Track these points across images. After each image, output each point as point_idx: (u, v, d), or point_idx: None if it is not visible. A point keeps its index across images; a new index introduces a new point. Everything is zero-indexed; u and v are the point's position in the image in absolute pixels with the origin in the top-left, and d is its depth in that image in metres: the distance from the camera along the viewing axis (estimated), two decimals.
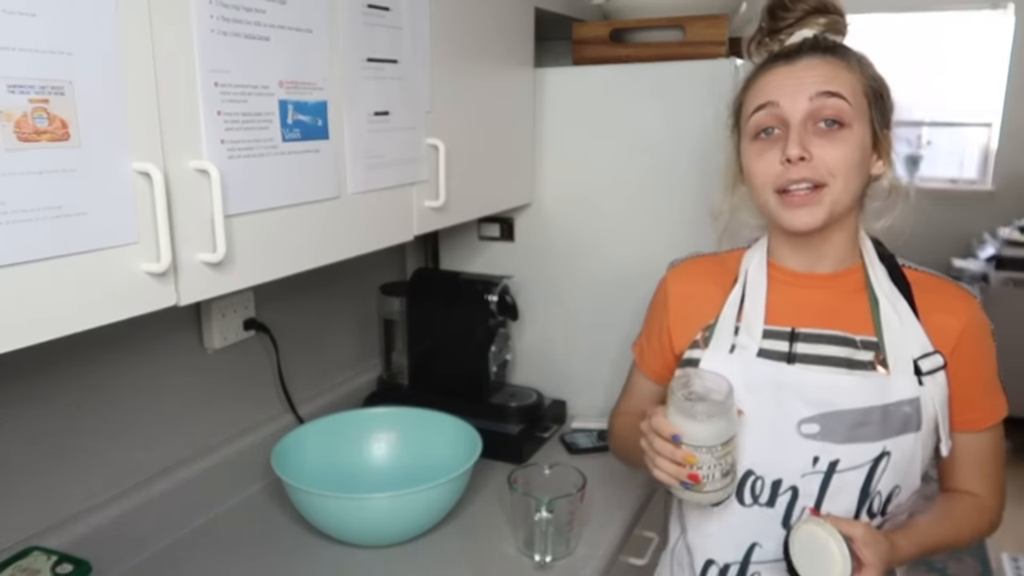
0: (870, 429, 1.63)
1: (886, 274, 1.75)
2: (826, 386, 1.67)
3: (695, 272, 1.96)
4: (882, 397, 1.63)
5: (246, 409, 2.45)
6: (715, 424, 1.56)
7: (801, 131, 1.59)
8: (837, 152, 1.59)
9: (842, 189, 1.61)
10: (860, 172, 1.64)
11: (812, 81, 1.61)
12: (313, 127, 1.70)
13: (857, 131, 1.61)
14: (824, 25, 1.70)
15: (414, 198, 2.10)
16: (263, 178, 1.59)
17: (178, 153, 1.39)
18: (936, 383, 1.66)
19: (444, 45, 2.15)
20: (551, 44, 3.11)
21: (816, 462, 1.66)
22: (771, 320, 1.78)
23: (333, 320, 2.81)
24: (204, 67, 1.43)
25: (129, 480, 2.09)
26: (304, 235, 1.73)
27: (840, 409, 1.65)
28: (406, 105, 2.01)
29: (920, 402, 1.63)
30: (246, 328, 2.37)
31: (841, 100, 1.59)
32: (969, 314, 1.70)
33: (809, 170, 1.59)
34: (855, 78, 1.63)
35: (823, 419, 1.65)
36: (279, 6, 1.58)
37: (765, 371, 1.72)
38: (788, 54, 1.67)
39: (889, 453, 1.63)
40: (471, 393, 2.73)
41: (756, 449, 1.70)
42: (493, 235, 2.97)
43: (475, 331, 2.71)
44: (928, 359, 1.66)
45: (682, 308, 1.92)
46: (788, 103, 1.61)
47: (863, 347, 1.68)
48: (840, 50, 1.66)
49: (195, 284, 1.46)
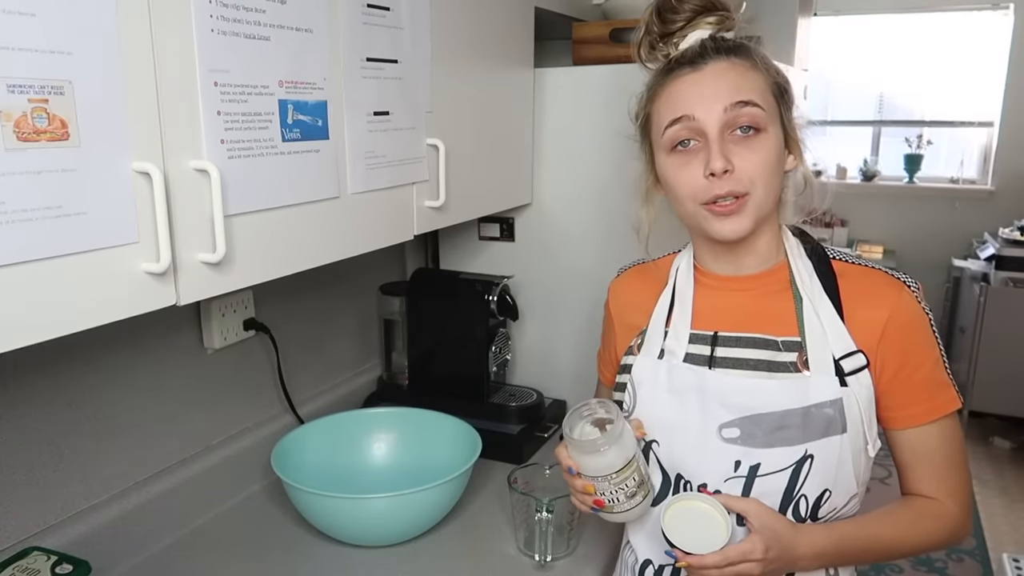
0: (790, 432, 1.60)
1: (811, 269, 1.71)
2: (745, 389, 1.65)
3: (631, 281, 1.98)
4: (802, 399, 1.60)
5: (246, 409, 2.45)
6: (605, 456, 1.59)
7: (720, 143, 1.57)
8: (757, 159, 1.58)
9: (764, 194, 1.60)
10: (778, 173, 1.64)
11: (724, 90, 1.58)
12: (313, 127, 1.70)
13: (772, 133, 1.60)
14: (714, 24, 1.66)
15: (414, 198, 2.10)
16: (263, 178, 1.59)
17: (178, 153, 1.39)
18: (860, 384, 1.61)
19: (444, 45, 2.16)
20: (551, 44, 3.12)
21: (738, 466, 1.64)
22: (697, 324, 1.77)
23: (333, 320, 2.81)
24: (204, 67, 1.43)
25: (129, 480, 2.09)
26: (304, 235, 1.73)
27: (759, 412, 1.62)
28: (406, 105, 2.02)
29: (843, 404, 1.59)
30: (246, 328, 2.37)
31: (755, 108, 1.57)
32: (895, 303, 1.63)
33: (733, 182, 1.57)
34: (762, 78, 1.62)
35: (743, 423, 1.64)
36: (279, 6, 1.58)
37: (688, 376, 1.71)
38: (692, 59, 1.63)
39: (812, 456, 1.60)
40: (471, 393, 2.74)
41: (683, 454, 1.70)
42: (493, 235, 2.97)
43: (475, 331, 2.71)
44: (850, 359, 1.62)
45: (622, 317, 1.94)
46: (703, 115, 1.58)
47: (785, 348, 1.66)
48: (742, 50, 1.63)
49: (195, 284, 1.47)
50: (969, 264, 6.94)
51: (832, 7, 7.90)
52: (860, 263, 1.73)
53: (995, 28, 7.59)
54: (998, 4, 7.51)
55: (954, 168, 8.01)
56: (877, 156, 8.27)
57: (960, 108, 7.92)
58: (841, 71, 8.13)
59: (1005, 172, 7.61)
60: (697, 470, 1.68)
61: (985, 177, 7.84)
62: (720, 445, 1.65)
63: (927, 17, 7.78)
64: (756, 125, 1.57)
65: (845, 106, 8.30)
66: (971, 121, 7.87)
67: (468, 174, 2.35)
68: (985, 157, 7.86)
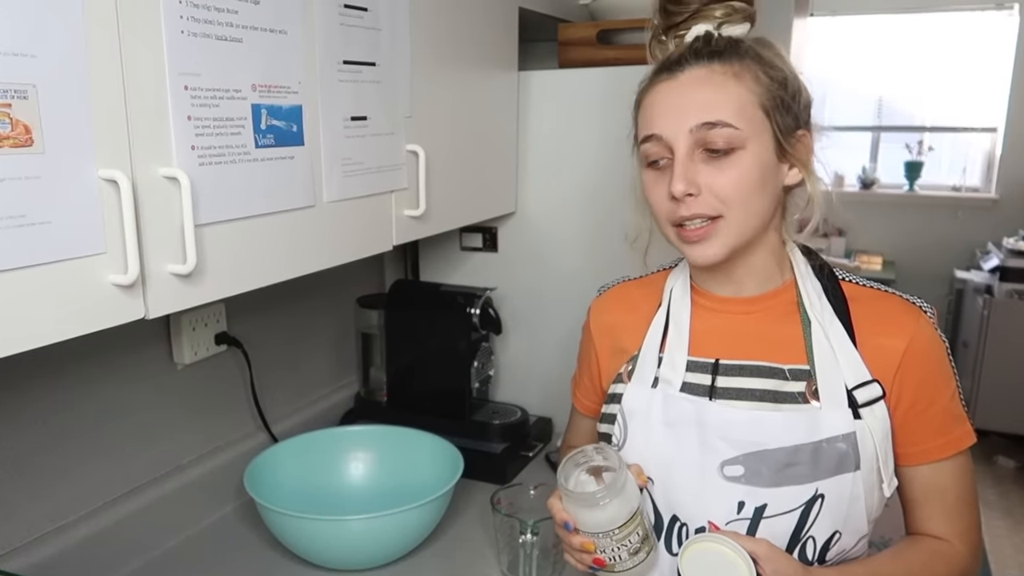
0: (800, 469, 1.53)
1: (820, 291, 1.66)
2: (749, 423, 1.58)
3: (618, 300, 1.92)
4: (813, 433, 1.53)
5: (218, 427, 2.45)
6: (607, 509, 1.53)
7: (686, 163, 1.52)
8: (728, 179, 1.52)
9: (741, 217, 1.54)
10: (763, 192, 1.55)
11: (693, 108, 1.52)
12: (287, 132, 1.71)
13: (753, 150, 1.52)
14: (722, 17, 1.59)
15: (393, 207, 2.11)
16: (235, 186, 1.59)
17: (146, 160, 1.39)
18: (875, 416, 1.55)
19: (424, 47, 2.16)
20: (535, 46, 3.12)
21: (741, 508, 1.57)
22: (695, 351, 1.70)
23: (308, 334, 2.81)
24: (174, 70, 1.43)
25: (97, 500, 2.08)
26: (278, 245, 1.73)
27: (765, 448, 1.55)
28: (385, 110, 2.02)
29: (856, 438, 1.52)
30: (217, 342, 2.37)
31: (726, 128, 1.50)
32: (914, 332, 1.58)
33: (699, 204, 1.53)
34: (745, 90, 1.53)
35: (747, 460, 1.57)
36: (252, 6, 1.58)
37: (686, 408, 1.64)
38: (670, 65, 1.58)
39: (823, 496, 1.53)
40: (452, 410, 2.73)
41: (680, 494, 1.63)
42: (475, 245, 2.98)
43: (457, 345, 2.71)
44: (864, 389, 1.56)
45: (607, 340, 1.88)
46: (670, 135, 1.54)
47: (793, 377, 1.59)
48: (729, 53, 1.55)
49: (164, 296, 1.47)
50: (972, 276, 6.91)
51: (829, 7, 7.88)
52: (872, 286, 1.68)
53: (1000, 29, 7.57)
54: (1002, 4, 7.49)
55: (956, 176, 7.99)
56: (876, 163, 8.26)
57: (963, 113, 7.90)
58: (838, 74, 8.10)
59: (1010, 180, 7.60)
60: (695, 512, 1.61)
61: (989, 185, 7.83)
62: (722, 484, 1.58)
63: (928, 17, 7.78)
64: (729, 145, 1.51)
65: (843, 111, 8.28)
66: (974, 126, 7.86)
67: (449, 182, 2.36)
68: (989, 164, 7.85)
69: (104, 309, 1.35)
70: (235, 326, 2.45)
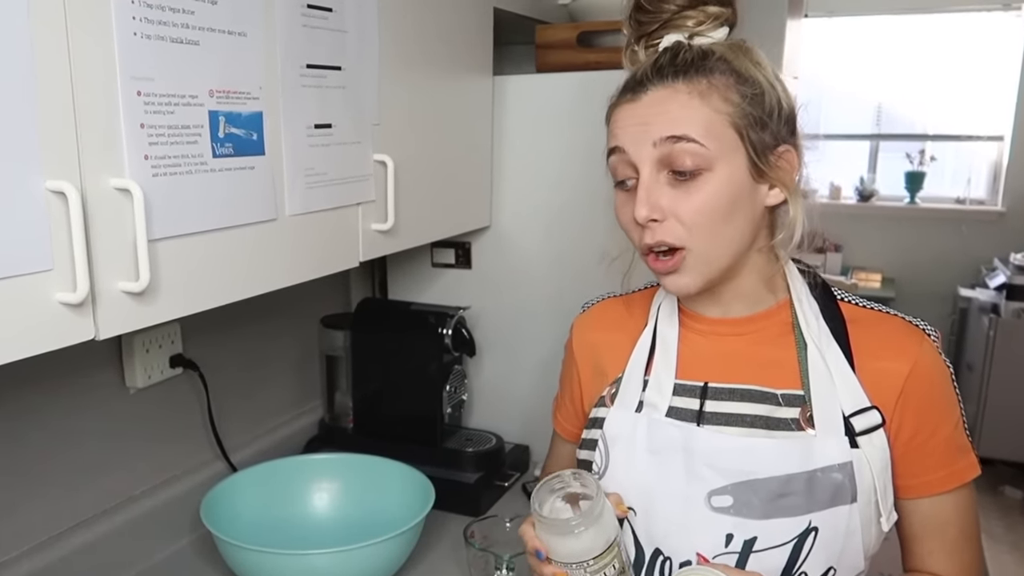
0: (793, 501, 1.52)
1: (817, 312, 1.64)
2: (739, 450, 1.56)
3: (601, 318, 1.91)
4: (807, 462, 1.51)
5: (172, 455, 2.44)
6: (583, 538, 1.51)
7: (651, 184, 1.51)
8: (693, 205, 1.50)
9: (707, 246, 1.53)
10: (731, 219, 1.52)
11: (656, 123, 1.50)
12: (247, 141, 1.71)
13: (722, 173, 1.50)
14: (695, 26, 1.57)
15: (359, 220, 2.12)
16: (191, 198, 1.59)
17: (97, 170, 1.39)
18: (874, 445, 1.53)
19: (393, 50, 2.17)
20: (512, 49, 3.14)
21: (729, 540, 1.55)
22: (683, 374, 1.69)
23: (269, 356, 2.81)
24: (126, 74, 1.43)
25: (42, 534, 2.08)
26: (237, 261, 1.74)
27: (756, 478, 1.54)
28: (351, 117, 2.03)
29: (853, 468, 1.51)
30: (172, 365, 2.37)
31: (691, 144, 1.47)
32: (917, 356, 1.56)
33: (663, 231, 1.52)
34: (712, 110, 1.49)
35: (736, 490, 1.55)
36: (209, 7, 1.58)
37: (672, 434, 1.62)
38: (634, 85, 1.56)
39: (817, 529, 1.51)
40: (423, 437, 2.74)
41: (664, 526, 1.61)
42: (448, 261, 2.99)
43: (427, 368, 2.72)
44: (862, 416, 1.54)
45: (589, 361, 1.88)
46: (633, 151, 1.52)
47: (786, 403, 1.58)
48: (695, 69, 1.52)
49: (115, 316, 1.47)
50: (977, 294, 6.91)
51: (825, 8, 7.90)
52: (872, 307, 1.67)
53: (1006, 31, 7.56)
54: (1009, 4, 7.48)
55: (960, 187, 8.00)
56: (875, 174, 8.26)
57: (967, 120, 7.91)
58: (835, 79, 8.11)
59: (1017, 192, 7.61)
60: (680, 544, 1.60)
61: (995, 197, 7.83)
62: (709, 515, 1.56)
63: (930, 19, 7.78)
64: (695, 166, 1.48)
65: (839, 118, 8.27)
66: (979, 135, 7.87)
67: (420, 194, 2.36)
68: (995, 175, 7.85)
69: (51, 329, 1.35)
70: (191, 348, 2.45)
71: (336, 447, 2.71)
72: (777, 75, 1.58)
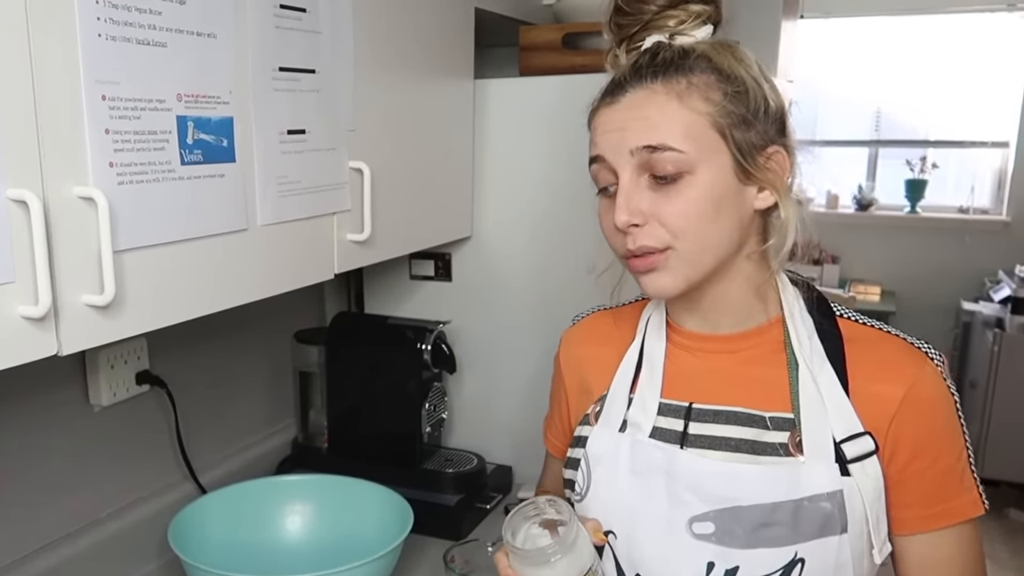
0: (778, 530, 1.50)
1: (812, 329, 1.62)
2: (722, 475, 1.55)
3: (589, 332, 1.91)
4: (793, 490, 1.49)
5: (139, 476, 2.44)
6: (555, 568, 1.52)
7: (631, 190, 1.51)
8: (676, 208, 1.49)
9: (694, 248, 1.51)
10: (717, 220, 1.51)
11: (633, 131, 1.50)
12: (217, 148, 1.71)
13: (704, 175, 1.49)
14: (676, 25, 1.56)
15: (334, 230, 2.12)
16: (159, 207, 1.58)
17: (60, 178, 1.39)
18: (866, 473, 1.51)
19: (369, 52, 2.17)
20: (494, 51, 3.15)
21: (711, 569, 1.54)
22: (668, 392, 1.68)
23: (240, 373, 2.81)
24: (90, 78, 1.43)
25: (4, 558, 2.07)
26: (206, 274, 1.74)
27: (739, 505, 1.52)
28: (325, 122, 2.03)
29: (843, 497, 1.48)
30: (139, 382, 2.36)
31: (669, 152, 1.47)
32: (914, 379, 1.52)
33: (645, 236, 1.50)
34: (690, 111, 1.49)
35: (719, 517, 1.53)
36: (177, 7, 1.58)
37: (655, 455, 1.62)
38: (612, 88, 1.57)
39: (803, 560, 1.49)
40: (401, 457, 2.75)
41: (645, 551, 1.61)
42: (427, 273, 2.99)
43: (406, 385, 2.72)
44: (854, 442, 1.51)
45: (576, 377, 1.88)
46: (612, 157, 1.53)
47: (774, 426, 1.56)
48: (675, 69, 1.51)
49: (79, 330, 1.46)
50: (981, 308, 6.85)
51: (821, 8, 7.86)
52: (873, 325, 1.64)
53: (1011, 33, 7.52)
54: (1015, 5, 7.43)
55: (963, 196, 7.96)
56: (874, 182, 8.23)
57: (970, 126, 7.86)
58: (832, 83, 8.10)
59: (1023, 201, 7.59)
60: (660, 571, 1.60)
61: (999, 206, 7.80)
62: (690, 542, 1.55)
63: (931, 20, 7.76)
64: (676, 171, 1.48)
65: (837, 123, 8.27)
66: (983, 141, 7.83)
67: (397, 203, 2.37)
68: (999, 183, 7.82)
69: (11, 344, 1.35)
70: (158, 364, 2.44)
71: (310, 468, 2.71)
72: (764, 73, 1.57)
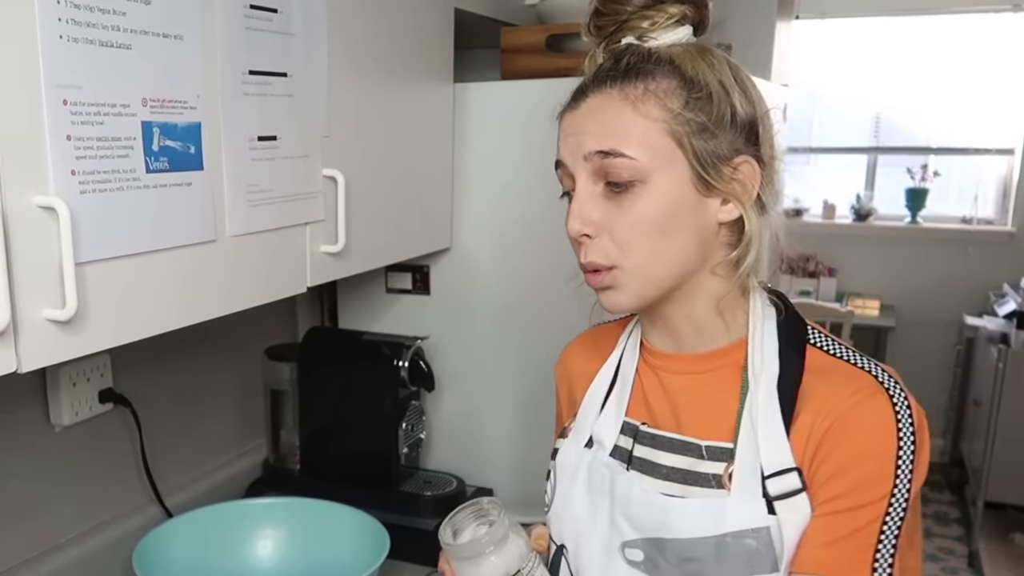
0: (702, 566, 1.48)
1: (775, 351, 1.56)
2: (649, 505, 1.56)
3: (582, 346, 1.95)
4: (717, 525, 1.47)
5: (102, 499, 2.43)
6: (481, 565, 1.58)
7: (586, 198, 1.53)
8: (626, 221, 1.49)
9: (643, 263, 1.51)
10: (675, 232, 1.50)
11: (589, 135, 1.51)
12: (184, 155, 1.71)
13: (658, 185, 1.48)
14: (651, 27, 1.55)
15: (307, 242, 2.12)
16: (123, 217, 1.58)
17: (19, 187, 1.39)
18: (796, 511, 1.44)
19: (344, 55, 2.18)
20: (474, 53, 3.15)
21: None
22: (633, 411, 1.70)
23: (208, 391, 2.81)
24: (51, 81, 1.42)
25: None
26: (173, 287, 1.73)
27: (663, 537, 1.52)
28: (297, 128, 2.03)
29: (770, 535, 1.44)
30: (102, 400, 2.36)
31: (619, 159, 1.47)
32: (847, 411, 1.45)
33: (593, 251, 1.53)
34: (644, 117, 1.48)
35: (646, 546, 1.55)
36: (142, 7, 1.58)
37: (604, 475, 1.65)
38: (576, 92, 1.59)
39: None
40: (377, 480, 2.75)
41: (588, 567, 1.65)
42: (404, 287, 2.99)
43: (382, 404, 2.72)
44: (780, 479, 1.46)
45: (566, 391, 1.93)
46: (570, 163, 1.55)
47: (710, 456, 1.54)
48: (634, 73, 1.51)
49: (39, 347, 1.46)
50: (985, 322, 6.83)
51: (817, 9, 7.84)
52: (844, 357, 1.56)
53: (1016, 34, 7.50)
54: (1020, 5, 7.40)
55: (967, 205, 7.94)
56: (873, 191, 8.23)
57: (974, 132, 7.85)
58: (829, 86, 8.11)
59: None
60: None
61: (1004, 216, 7.79)
62: (623, 567, 1.59)
63: (933, 20, 7.76)
64: (629, 178, 1.47)
65: (833, 129, 8.28)
66: (987, 148, 7.82)
67: (373, 212, 2.37)
68: (1004, 192, 7.81)
69: None
70: (123, 381, 2.44)
71: (281, 490, 2.71)
72: (738, 78, 1.56)
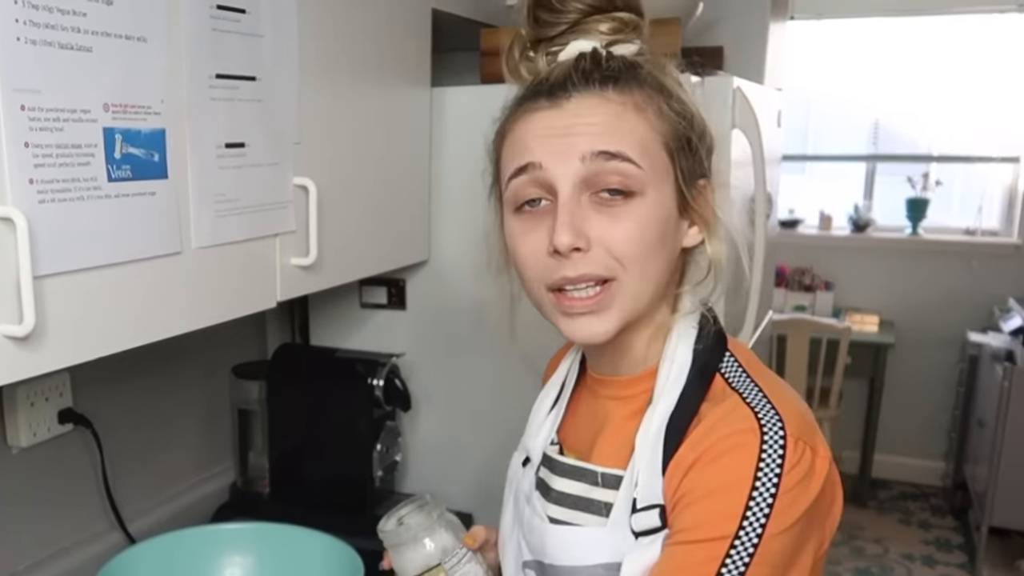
0: None
1: (680, 383, 1.52)
2: (534, 528, 1.62)
3: (556, 358, 1.95)
4: (592, 555, 1.49)
5: (61, 524, 2.43)
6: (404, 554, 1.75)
7: (573, 207, 1.43)
8: (624, 232, 1.43)
9: (638, 281, 1.46)
10: (662, 253, 1.48)
11: (585, 135, 1.43)
12: (147, 163, 1.71)
13: (652, 198, 1.45)
14: (609, 32, 1.51)
15: (277, 254, 2.12)
16: (83, 228, 1.58)
17: None
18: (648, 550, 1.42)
19: (316, 58, 2.18)
20: (453, 56, 3.15)
21: None
22: (563, 431, 1.73)
23: (173, 411, 2.80)
24: (7, 85, 1.42)
25: None
26: (135, 301, 1.73)
27: (545, 562, 1.58)
28: (267, 134, 2.04)
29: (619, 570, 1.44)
30: (61, 421, 2.36)
31: (626, 163, 1.42)
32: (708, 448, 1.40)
33: (589, 263, 1.43)
34: (648, 124, 1.46)
35: (537, 568, 1.62)
36: (104, 8, 1.58)
37: (526, 491, 1.72)
38: (552, 89, 1.48)
39: None
40: (350, 503, 2.75)
41: None
42: (378, 301, 3.00)
43: (356, 424, 2.73)
44: (643, 514, 1.45)
45: None
46: (555, 166, 1.44)
47: (604, 483, 1.54)
48: (627, 79, 1.48)
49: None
50: (989, 339, 6.80)
51: (813, 9, 7.76)
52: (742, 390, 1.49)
53: (1022, 35, 7.44)
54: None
55: (970, 216, 7.91)
56: (871, 200, 8.19)
57: (977, 139, 7.82)
58: (825, 91, 8.10)
59: None
60: None
61: (1009, 228, 7.75)
62: None
63: (934, 21, 7.73)
64: (626, 187, 1.43)
65: (830, 136, 8.28)
66: (991, 156, 7.81)
67: (347, 223, 2.38)
68: (1009, 202, 7.78)
69: None
70: (83, 401, 2.43)
71: (250, 515, 2.70)
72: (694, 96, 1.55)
